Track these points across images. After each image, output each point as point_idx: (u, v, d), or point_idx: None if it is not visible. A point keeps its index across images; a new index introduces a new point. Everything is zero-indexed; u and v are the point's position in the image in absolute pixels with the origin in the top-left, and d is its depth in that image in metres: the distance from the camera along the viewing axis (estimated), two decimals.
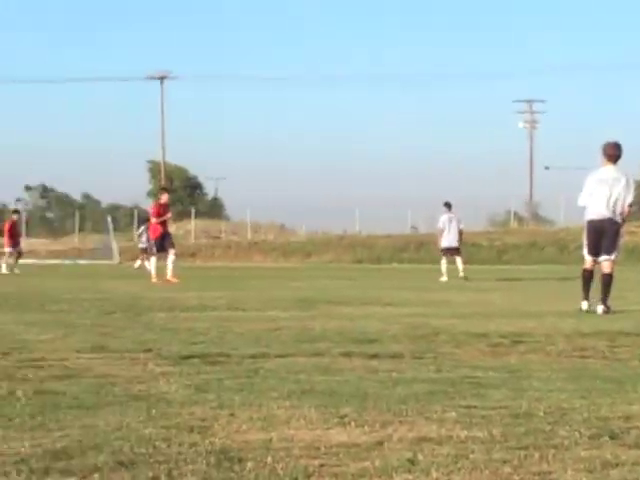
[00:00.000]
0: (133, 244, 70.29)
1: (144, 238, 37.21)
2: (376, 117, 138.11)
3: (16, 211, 36.58)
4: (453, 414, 4.61)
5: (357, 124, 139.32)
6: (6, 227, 33.68)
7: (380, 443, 3.99)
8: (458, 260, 26.36)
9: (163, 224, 23.10)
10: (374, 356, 6.93)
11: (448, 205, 26.72)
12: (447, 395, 5.18)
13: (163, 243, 23.09)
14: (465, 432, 4.21)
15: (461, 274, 25.56)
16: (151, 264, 23.51)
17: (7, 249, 33.35)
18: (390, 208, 76.25)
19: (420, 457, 3.74)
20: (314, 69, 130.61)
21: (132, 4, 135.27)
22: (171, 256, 22.81)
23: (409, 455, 3.77)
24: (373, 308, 12.54)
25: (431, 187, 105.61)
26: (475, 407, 4.81)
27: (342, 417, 4.54)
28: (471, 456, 3.77)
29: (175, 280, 21.76)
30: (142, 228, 37.92)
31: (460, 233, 26.68)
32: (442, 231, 26.46)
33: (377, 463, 3.65)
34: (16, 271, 31.17)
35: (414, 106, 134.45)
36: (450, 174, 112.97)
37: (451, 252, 26.36)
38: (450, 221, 26.41)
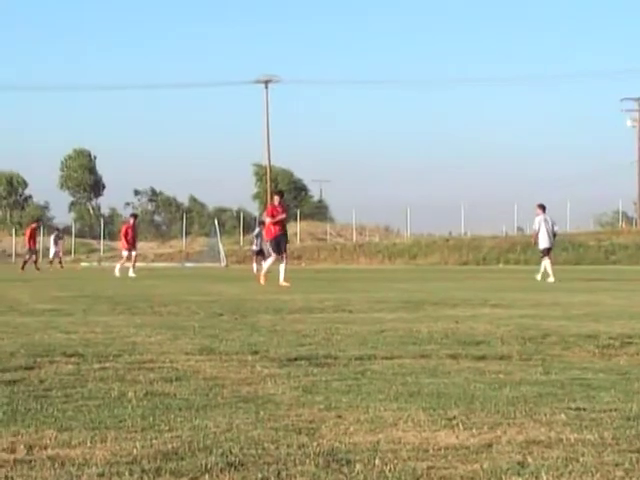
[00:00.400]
0: (239, 247, 71.14)
1: (258, 241, 37.76)
2: (480, 117, 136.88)
3: (134, 215, 37.10)
4: (562, 416, 4.55)
5: (462, 124, 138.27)
6: (123, 231, 34.28)
7: (489, 445, 3.96)
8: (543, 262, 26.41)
9: (279, 226, 23.25)
10: (481, 358, 6.88)
11: (542, 207, 26.77)
12: (556, 397, 5.12)
13: (279, 244, 23.23)
14: (575, 435, 4.15)
15: (538, 276, 25.60)
16: (266, 263, 23.69)
17: (124, 252, 33.93)
18: (496, 209, 75.51)
19: (530, 460, 3.70)
20: (419, 70, 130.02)
21: (237, 9, 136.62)
22: (283, 261, 22.97)
23: (518, 458, 3.74)
24: (480, 309, 12.44)
25: (537, 187, 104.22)
26: (585, 409, 4.74)
27: (450, 419, 4.52)
28: (581, 459, 3.72)
29: (287, 284, 21.87)
30: (257, 230, 38.39)
31: (554, 235, 26.66)
32: (537, 232, 26.58)
33: (486, 466, 3.62)
34: (131, 274, 31.56)
35: (522, 105, 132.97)
36: (556, 174, 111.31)
37: (545, 252, 26.47)
38: (545, 222, 26.41)
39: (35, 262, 41.23)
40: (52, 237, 51.82)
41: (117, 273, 32.24)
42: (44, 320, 10.52)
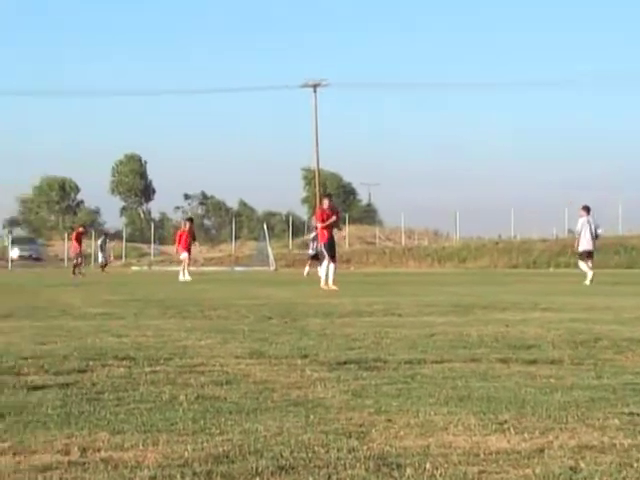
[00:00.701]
0: (288, 251, 71.30)
1: (314, 244, 37.89)
2: (527, 120, 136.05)
3: (190, 219, 37.46)
4: (615, 421, 4.51)
5: (511, 128, 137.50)
6: (180, 235, 34.51)
7: (541, 450, 3.93)
8: (589, 265, 26.13)
9: (330, 229, 23.25)
10: (532, 362, 6.83)
11: (587, 209, 26.55)
12: (609, 402, 5.07)
13: (333, 247, 23.26)
14: (629, 440, 4.11)
15: (587, 282, 25.31)
16: (322, 269, 23.46)
17: (182, 255, 34.08)
18: (546, 211, 74.98)
19: (582, 465, 3.67)
20: (466, 73, 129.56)
21: (285, 13, 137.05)
22: (332, 264, 22.95)
23: (571, 463, 3.71)
24: (531, 313, 12.35)
25: (590, 190, 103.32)
26: (638, 414, 4.69)
27: (501, 423, 4.49)
28: (635, 465, 3.68)
29: (335, 288, 21.88)
30: (313, 234, 38.52)
31: (596, 237, 26.44)
32: (580, 234, 26.38)
33: (538, 471, 3.60)
34: (187, 278, 31.74)
35: (569, 107, 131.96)
36: (610, 178, 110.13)
37: (586, 255, 26.26)
38: (588, 224, 26.20)
39: (79, 266, 41.47)
40: (99, 242, 52.23)
41: (186, 277, 32.26)
42: (96, 324, 10.61)
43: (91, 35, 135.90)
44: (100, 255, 50.49)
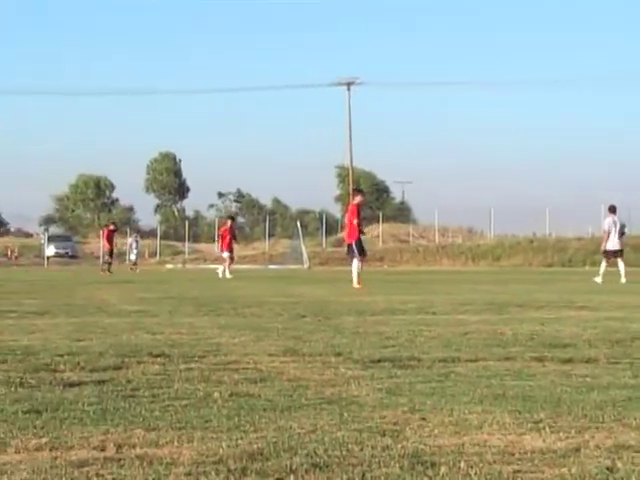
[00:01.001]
0: (321, 249, 71.30)
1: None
2: (563, 118, 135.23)
3: (231, 217, 37.55)
4: None
5: (547, 126, 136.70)
6: (222, 232, 34.57)
7: (576, 450, 3.91)
8: (620, 264, 26.23)
9: (359, 227, 23.08)
10: (568, 361, 6.79)
11: (613, 209, 26.62)
12: None
13: (362, 245, 23.12)
14: None
15: (623, 280, 25.23)
16: (354, 268, 22.70)
17: (225, 254, 34.14)
18: (582, 210, 74.52)
19: (619, 465, 3.64)
20: (501, 71, 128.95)
21: (319, 11, 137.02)
22: (360, 263, 22.75)
23: (607, 463, 3.68)
24: (566, 312, 12.28)
25: (625, 189, 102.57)
26: None
27: (536, 422, 4.47)
28: None
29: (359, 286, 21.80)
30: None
31: (621, 235, 26.46)
32: (608, 234, 26.40)
33: (574, 470, 3.58)
34: (228, 275, 31.91)
35: (608, 107, 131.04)
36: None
37: (614, 255, 26.26)
38: (614, 224, 26.26)
39: (109, 265, 41.57)
40: (130, 240, 52.33)
41: (227, 275, 32.39)
42: (131, 321, 10.67)
43: (122, 33, 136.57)
44: (132, 253, 50.65)
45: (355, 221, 22.76)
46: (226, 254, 33.87)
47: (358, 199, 23.25)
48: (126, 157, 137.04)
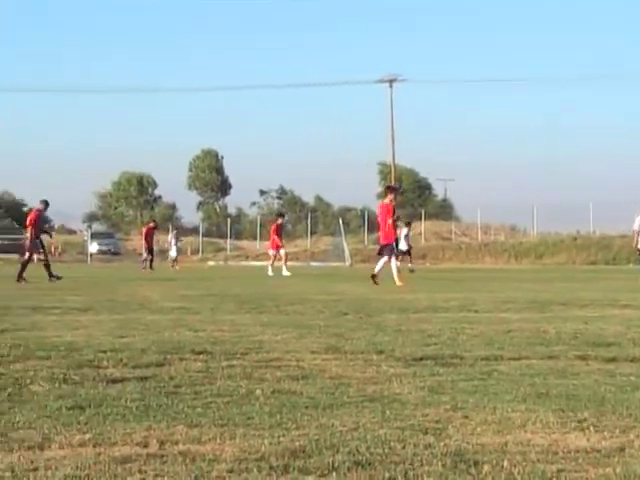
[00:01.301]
0: (363, 246, 71.25)
1: (408, 241, 38.00)
2: (606, 115, 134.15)
3: (281, 214, 37.46)
4: None
5: (589, 122, 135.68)
6: (273, 230, 34.47)
7: (621, 449, 3.88)
8: None
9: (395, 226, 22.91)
10: (612, 360, 6.74)
11: None
12: None
13: (397, 244, 23.06)
14: None
15: None
16: (393, 266, 22.31)
17: (272, 251, 34.12)
18: (626, 207, 73.84)
19: None
20: (544, 68, 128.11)
21: (361, 8, 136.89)
22: (392, 261, 22.57)
23: None
24: (610, 310, 12.18)
25: None
26: None
27: (580, 421, 4.44)
28: None
29: (378, 283, 21.71)
30: (405, 231, 38.58)
31: None
32: (638, 233, 26.17)
33: (618, 470, 3.55)
34: (270, 273, 31.87)
35: None
36: None
37: None
38: None
39: (151, 262, 41.69)
40: (170, 237, 52.42)
41: (269, 272, 32.42)
42: (173, 318, 10.72)
43: (161, 30, 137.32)
44: (172, 250, 50.81)
45: (390, 220, 22.46)
46: (273, 252, 33.85)
47: (391, 197, 22.77)
48: (169, 155, 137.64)
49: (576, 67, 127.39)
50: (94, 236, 76.30)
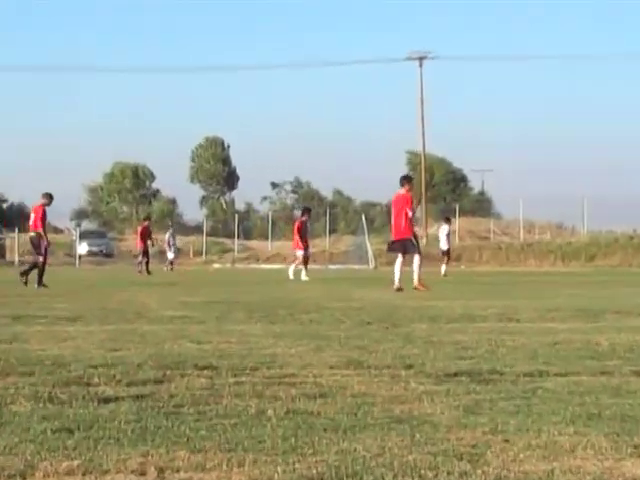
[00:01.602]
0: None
1: (449, 239, 37.95)
2: None
3: (307, 209, 36.58)
4: None
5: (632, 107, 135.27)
6: (296, 227, 33.79)
7: None
8: None
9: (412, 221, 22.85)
10: None
11: None
12: None
13: (417, 241, 23.01)
14: None
15: None
16: (416, 266, 22.41)
17: (297, 252, 33.39)
18: None
19: None
20: (590, 46, 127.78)
21: None
22: (402, 261, 22.42)
23: None
24: None
25: None
26: None
27: (636, 447, 4.44)
28: None
29: (400, 287, 21.67)
30: (447, 228, 38.52)
31: None
32: None
33: None
34: (304, 278, 31.55)
35: None
36: None
37: None
38: None
39: (147, 265, 41.63)
40: (167, 236, 52.43)
41: (291, 275, 32.33)
42: (173, 328, 10.75)
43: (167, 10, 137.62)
44: (169, 251, 50.85)
45: (410, 213, 22.45)
46: (299, 253, 33.42)
47: (408, 187, 22.80)
48: (168, 143, 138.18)
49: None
50: (83, 235, 76.50)
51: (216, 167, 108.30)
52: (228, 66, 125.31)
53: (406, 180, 23.36)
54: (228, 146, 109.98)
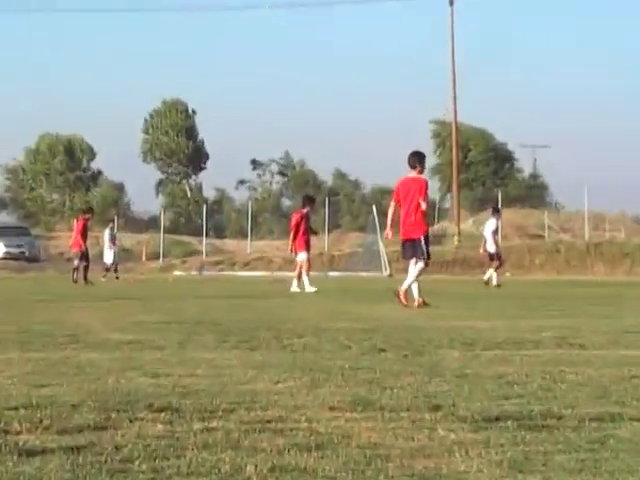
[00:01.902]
0: None
1: (495, 238, 37.69)
2: None
3: (309, 198, 35.72)
4: None
5: None
6: (293, 222, 33.25)
7: None
8: None
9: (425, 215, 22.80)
10: None
11: None
12: None
13: (427, 240, 23.02)
14: None
15: None
16: (410, 273, 22.65)
17: (300, 255, 32.74)
18: None
19: None
20: None
21: None
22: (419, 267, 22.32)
23: None
24: None
25: None
26: None
27: None
28: None
29: (406, 302, 21.66)
30: (495, 223, 38.22)
31: None
32: None
33: None
34: (311, 288, 31.42)
35: None
36: None
37: None
38: None
39: (85, 271, 41.61)
40: (106, 234, 52.44)
41: (307, 287, 31.99)
42: (121, 357, 10.75)
43: None
44: (108, 253, 50.88)
45: (424, 204, 22.30)
46: (302, 256, 32.92)
47: (421, 168, 22.63)
48: (113, 109, 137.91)
49: None
50: None
51: (178, 141, 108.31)
52: (196, 5, 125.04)
53: (416, 158, 22.84)
54: (194, 112, 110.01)
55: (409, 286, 22.28)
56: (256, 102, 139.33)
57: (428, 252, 22.63)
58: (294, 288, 32.02)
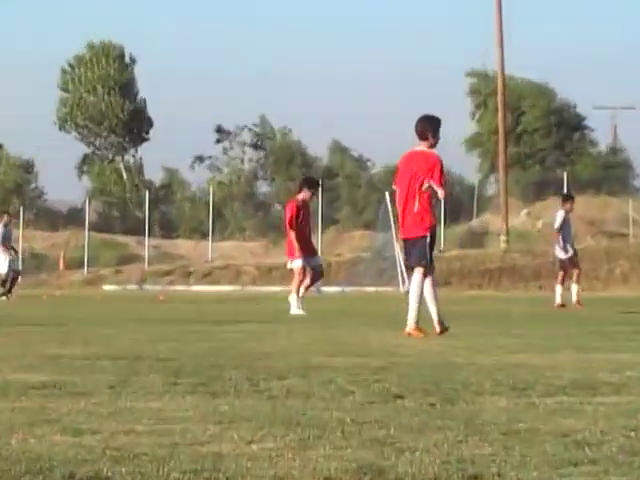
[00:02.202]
0: (436, 249, 71.39)
1: (567, 243, 37.32)
2: None
3: (308, 181, 35.19)
4: None
5: None
6: (288, 215, 32.51)
7: None
8: None
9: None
10: None
11: None
12: None
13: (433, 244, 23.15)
14: None
15: None
16: (413, 289, 22.68)
17: (294, 262, 32.24)
18: None
19: None
20: None
21: None
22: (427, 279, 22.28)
23: None
24: None
25: None
26: None
27: None
28: None
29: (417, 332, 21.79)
30: (563, 215, 37.55)
31: None
32: None
33: None
34: (298, 311, 31.53)
35: None
36: None
37: None
38: None
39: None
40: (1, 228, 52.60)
41: (297, 310, 31.88)
42: (30, 407, 10.78)
43: None
44: (4, 259, 51.01)
45: (441, 192, 22.09)
46: (296, 264, 32.34)
47: (433, 141, 22.40)
48: (18, 56, 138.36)
49: None
50: None
51: (109, 100, 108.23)
52: None
53: (428, 125, 22.64)
54: (132, 61, 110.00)
55: (417, 312, 22.18)
56: (220, 46, 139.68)
57: (431, 256, 22.44)
58: (294, 310, 31.77)
